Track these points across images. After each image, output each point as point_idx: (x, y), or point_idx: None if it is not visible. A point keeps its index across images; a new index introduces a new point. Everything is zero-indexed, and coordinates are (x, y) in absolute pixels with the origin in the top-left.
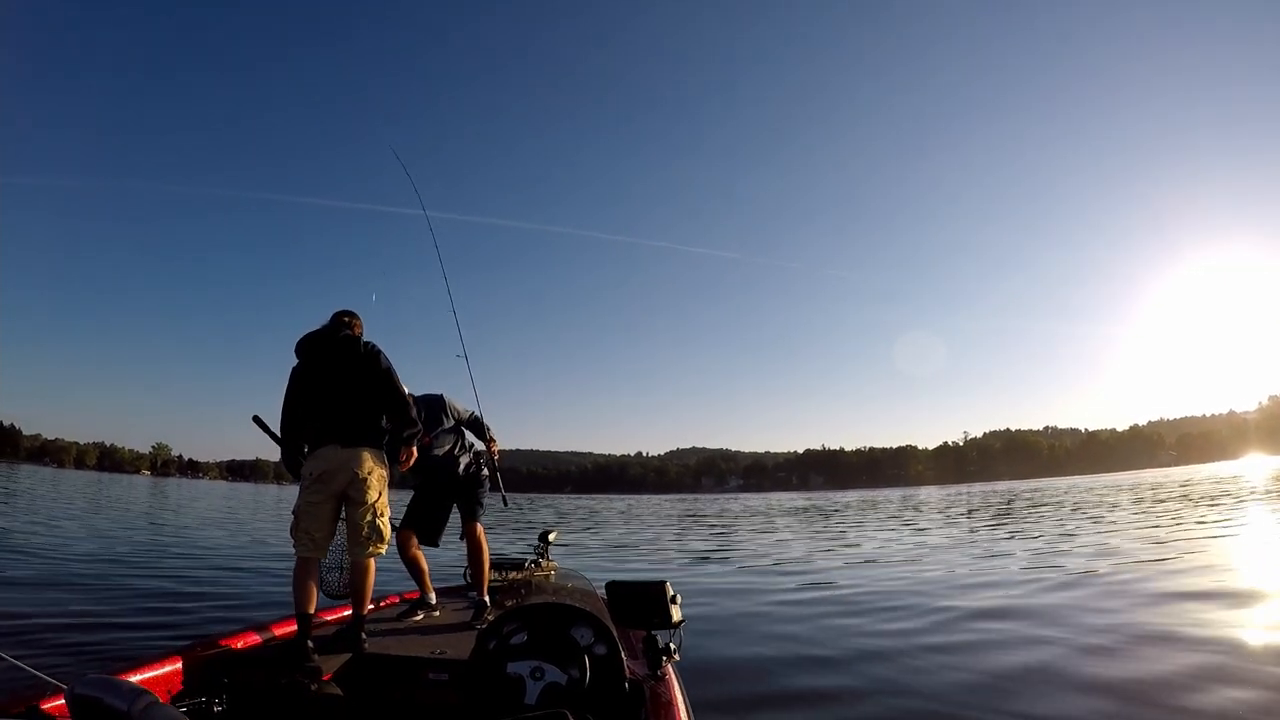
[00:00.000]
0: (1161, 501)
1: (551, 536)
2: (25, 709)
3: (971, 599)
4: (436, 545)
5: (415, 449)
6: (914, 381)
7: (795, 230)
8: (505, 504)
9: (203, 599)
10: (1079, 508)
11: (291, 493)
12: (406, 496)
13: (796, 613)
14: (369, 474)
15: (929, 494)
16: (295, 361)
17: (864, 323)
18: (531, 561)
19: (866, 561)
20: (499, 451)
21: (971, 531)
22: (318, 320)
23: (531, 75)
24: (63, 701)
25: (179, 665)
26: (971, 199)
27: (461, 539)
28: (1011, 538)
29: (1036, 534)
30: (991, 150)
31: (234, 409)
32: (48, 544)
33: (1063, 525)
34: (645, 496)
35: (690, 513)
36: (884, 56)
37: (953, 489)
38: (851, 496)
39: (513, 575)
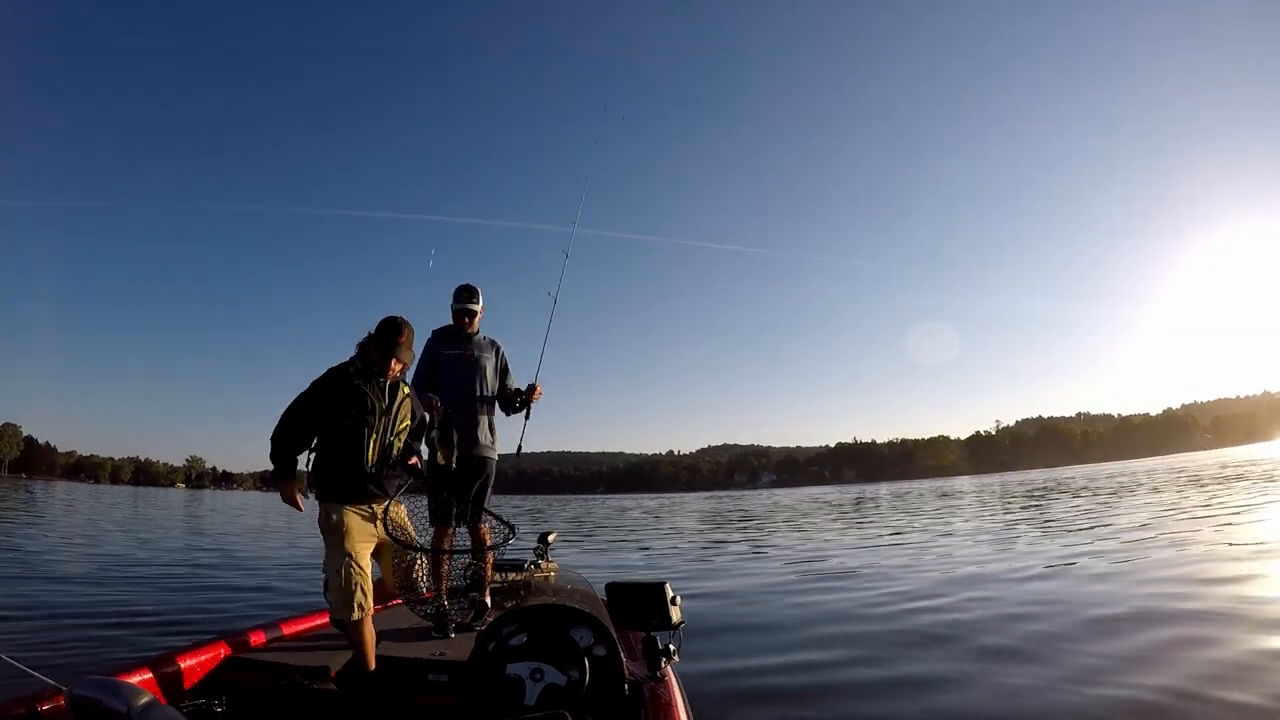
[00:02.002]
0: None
1: (551, 537)
2: (25, 710)
3: (986, 599)
4: (452, 525)
5: (284, 494)
6: (933, 372)
7: (817, 223)
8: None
9: (204, 600)
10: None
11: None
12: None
13: (802, 613)
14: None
15: (961, 484)
16: (318, 373)
17: (890, 313)
18: (531, 563)
19: (883, 552)
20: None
21: (1003, 524)
22: (347, 331)
23: (544, 78)
24: (62, 702)
25: (179, 666)
26: (996, 180)
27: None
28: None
29: (1072, 525)
30: (1012, 128)
31: (266, 420)
32: (53, 545)
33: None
34: (677, 495)
35: (716, 511)
36: (886, 52)
37: (985, 479)
38: (884, 489)
39: (512, 576)
